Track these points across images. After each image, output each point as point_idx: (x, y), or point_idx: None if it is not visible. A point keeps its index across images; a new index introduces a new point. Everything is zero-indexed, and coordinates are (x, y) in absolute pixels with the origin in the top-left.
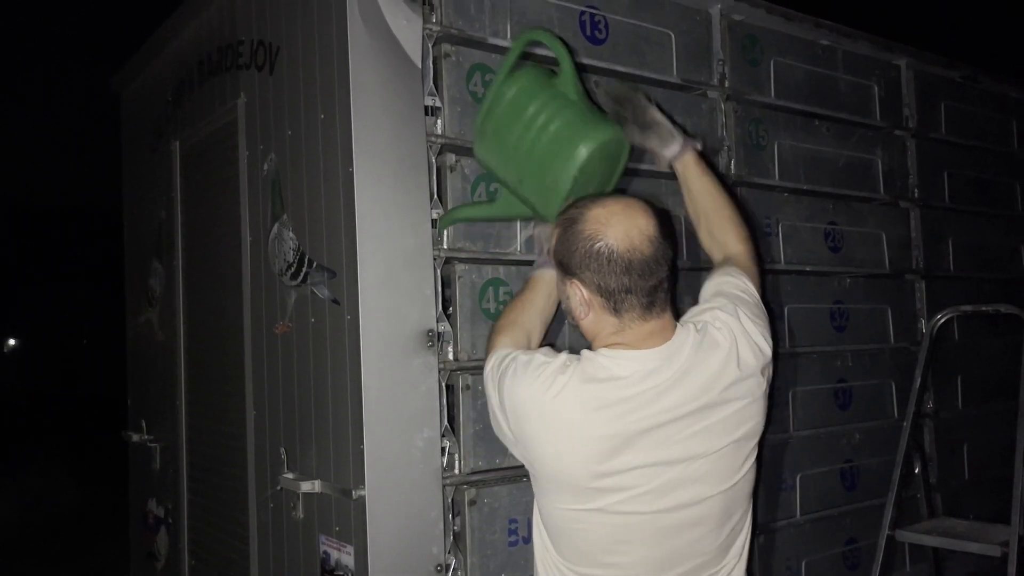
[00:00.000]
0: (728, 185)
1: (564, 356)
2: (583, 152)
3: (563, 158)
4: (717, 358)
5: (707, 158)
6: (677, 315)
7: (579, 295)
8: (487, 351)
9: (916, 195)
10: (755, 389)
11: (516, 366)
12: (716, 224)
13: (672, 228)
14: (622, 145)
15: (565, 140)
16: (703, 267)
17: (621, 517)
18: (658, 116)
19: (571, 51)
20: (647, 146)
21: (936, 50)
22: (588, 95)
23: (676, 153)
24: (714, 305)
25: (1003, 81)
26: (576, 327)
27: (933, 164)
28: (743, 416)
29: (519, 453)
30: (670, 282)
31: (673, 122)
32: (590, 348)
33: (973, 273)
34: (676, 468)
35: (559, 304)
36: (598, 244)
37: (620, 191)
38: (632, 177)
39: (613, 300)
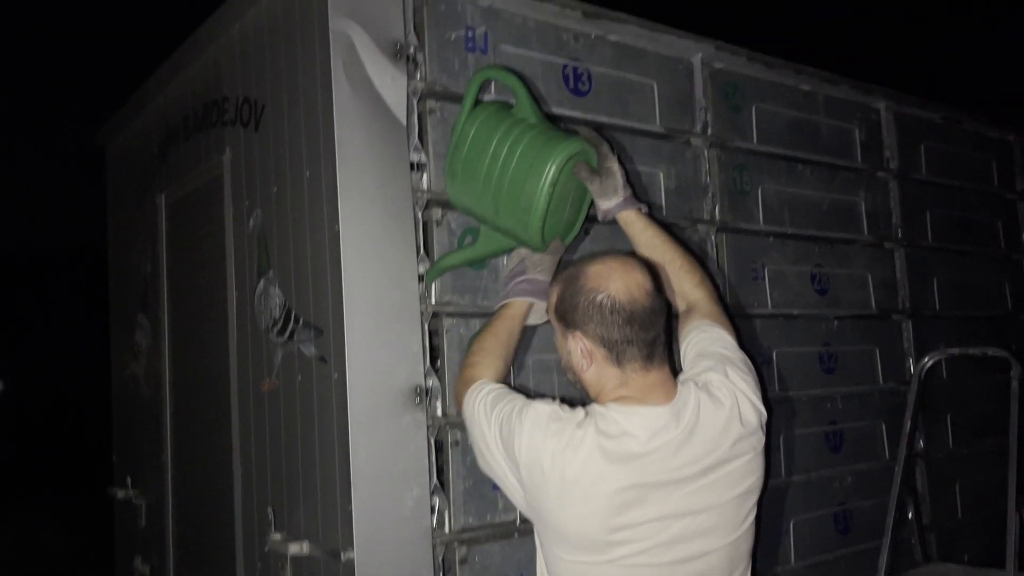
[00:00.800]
0: (682, 238)
1: (581, 412)
2: (553, 166)
3: (535, 176)
4: (722, 416)
5: (655, 219)
6: (674, 370)
7: (581, 347)
8: (465, 379)
9: (900, 236)
10: (756, 444)
11: (532, 416)
12: (670, 274)
13: (662, 283)
14: (590, 158)
15: (533, 158)
16: None
17: (631, 570)
18: (614, 167)
19: (523, 79)
20: (590, 189)
21: (915, 92)
22: (548, 119)
23: (611, 208)
24: (705, 367)
25: (982, 121)
26: (576, 383)
27: (916, 204)
28: (746, 470)
29: (525, 503)
30: (666, 335)
31: (632, 184)
32: (593, 402)
33: (959, 311)
34: (684, 521)
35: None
36: (600, 296)
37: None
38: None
39: (615, 351)
